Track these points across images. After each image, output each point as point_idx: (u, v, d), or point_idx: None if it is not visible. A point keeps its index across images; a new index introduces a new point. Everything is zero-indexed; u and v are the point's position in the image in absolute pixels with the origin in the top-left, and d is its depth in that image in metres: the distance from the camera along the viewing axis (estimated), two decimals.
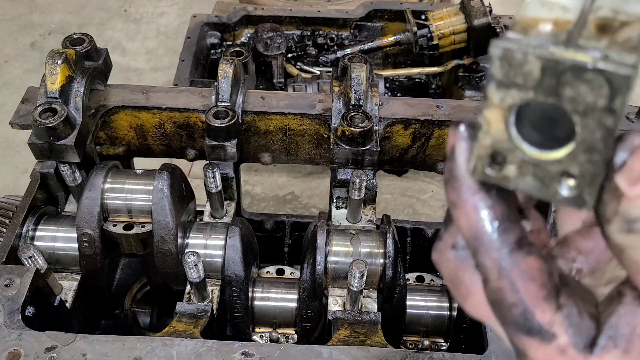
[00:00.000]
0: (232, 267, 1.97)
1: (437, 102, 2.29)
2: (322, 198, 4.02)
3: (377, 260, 1.95)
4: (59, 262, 2.02)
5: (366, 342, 1.68)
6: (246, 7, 4.00)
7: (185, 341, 1.60)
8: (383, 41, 3.86)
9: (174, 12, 5.85)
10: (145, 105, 2.24)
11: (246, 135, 2.30)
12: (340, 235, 2.01)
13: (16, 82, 5.02)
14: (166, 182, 1.93)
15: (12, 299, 1.66)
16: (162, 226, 1.92)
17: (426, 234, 2.70)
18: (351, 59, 2.27)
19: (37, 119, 1.93)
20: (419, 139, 2.28)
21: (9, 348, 1.56)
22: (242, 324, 2.07)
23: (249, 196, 4.05)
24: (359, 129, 2.05)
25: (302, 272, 2.04)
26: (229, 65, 2.17)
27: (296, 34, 4.00)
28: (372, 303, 1.93)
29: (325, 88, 3.53)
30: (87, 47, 2.16)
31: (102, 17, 5.76)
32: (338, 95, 2.22)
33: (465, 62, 3.81)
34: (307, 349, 1.61)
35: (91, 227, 1.94)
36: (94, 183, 1.97)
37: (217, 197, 2.11)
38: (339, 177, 2.17)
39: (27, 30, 5.58)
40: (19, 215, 1.98)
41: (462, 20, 3.66)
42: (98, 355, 1.56)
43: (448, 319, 2.12)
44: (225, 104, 2.15)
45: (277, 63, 3.70)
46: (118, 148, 2.37)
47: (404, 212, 3.97)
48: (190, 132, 2.31)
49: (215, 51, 3.93)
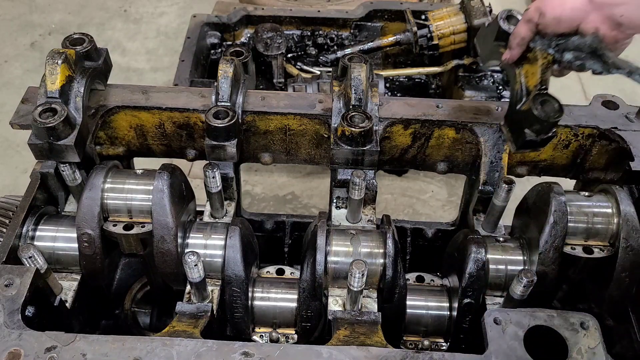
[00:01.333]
0: (232, 267, 1.97)
1: (437, 102, 2.29)
2: (322, 198, 4.02)
3: (377, 260, 1.95)
4: (59, 262, 2.03)
5: (366, 342, 1.68)
6: (246, 7, 4.00)
7: (185, 341, 1.60)
8: (383, 41, 3.86)
9: (174, 12, 5.85)
10: (145, 105, 2.24)
11: (246, 135, 2.30)
12: (340, 235, 2.01)
13: (16, 82, 5.02)
14: (166, 182, 1.93)
15: (12, 299, 1.66)
16: (162, 226, 1.92)
17: (426, 234, 2.70)
18: (351, 59, 2.27)
19: (37, 119, 1.93)
20: (419, 139, 2.28)
21: (9, 348, 1.56)
22: (242, 324, 2.07)
23: (249, 196, 4.05)
24: (359, 129, 2.05)
25: (302, 272, 2.04)
26: (229, 65, 2.17)
27: (296, 34, 4.00)
28: (372, 303, 1.93)
29: (325, 88, 3.53)
30: (87, 47, 2.16)
31: (102, 17, 5.76)
32: (338, 95, 2.22)
33: (465, 62, 3.81)
34: (307, 349, 1.61)
35: (91, 227, 1.93)
36: (94, 183, 1.97)
37: (217, 197, 2.11)
38: (339, 177, 2.17)
39: (27, 30, 5.59)
40: (19, 215, 1.98)
41: (462, 20, 3.66)
42: (98, 355, 1.56)
43: (448, 319, 2.12)
44: (225, 104, 2.15)
45: (277, 63, 3.70)
46: (118, 148, 2.38)
47: (404, 212, 3.97)
48: (190, 132, 2.31)
49: (215, 51, 3.93)
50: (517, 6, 6.29)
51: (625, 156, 2.14)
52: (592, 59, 1.75)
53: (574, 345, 1.60)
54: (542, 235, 1.90)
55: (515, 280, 1.79)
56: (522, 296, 1.80)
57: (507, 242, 2.07)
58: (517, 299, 1.81)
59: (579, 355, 1.59)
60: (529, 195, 2.09)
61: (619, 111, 2.25)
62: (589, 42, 1.73)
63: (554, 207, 1.91)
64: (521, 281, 1.77)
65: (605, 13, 1.69)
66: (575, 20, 1.73)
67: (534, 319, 1.65)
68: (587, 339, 1.61)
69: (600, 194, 2.04)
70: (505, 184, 2.01)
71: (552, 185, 1.98)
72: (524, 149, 1.98)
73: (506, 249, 2.05)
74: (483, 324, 1.65)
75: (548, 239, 1.90)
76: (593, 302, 2.16)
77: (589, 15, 1.71)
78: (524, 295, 1.80)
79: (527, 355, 1.57)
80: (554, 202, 1.91)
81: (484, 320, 1.66)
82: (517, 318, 1.64)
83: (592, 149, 2.26)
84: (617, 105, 2.28)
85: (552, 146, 2.25)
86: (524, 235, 2.06)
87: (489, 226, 2.19)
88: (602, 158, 2.27)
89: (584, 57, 1.77)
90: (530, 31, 1.83)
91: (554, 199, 1.92)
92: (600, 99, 2.30)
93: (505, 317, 1.65)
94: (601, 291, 1.96)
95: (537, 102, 1.86)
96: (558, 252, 1.91)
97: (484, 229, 2.20)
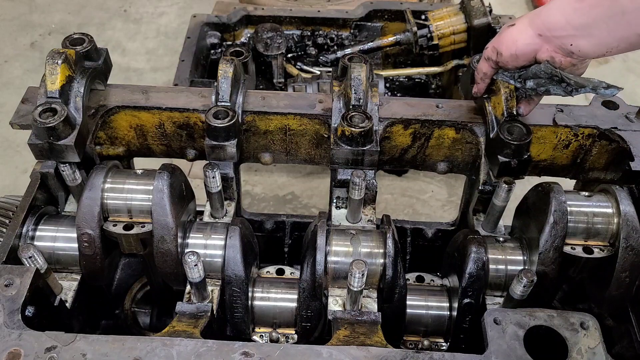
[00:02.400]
0: (232, 267, 1.97)
1: (437, 102, 2.29)
2: (322, 198, 4.02)
3: (377, 260, 1.95)
4: (59, 262, 2.03)
5: (366, 342, 1.68)
6: (246, 7, 4.00)
7: (185, 341, 1.60)
8: (383, 41, 3.86)
9: (174, 12, 5.85)
10: (145, 105, 2.24)
11: (246, 135, 2.30)
12: (340, 235, 2.01)
13: (16, 82, 5.02)
14: (166, 182, 1.93)
15: (12, 299, 1.66)
16: (162, 226, 1.92)
17: (426, 234, 2.70)
18: (351, 59, 2.27)
19: (37, 119, 1.93)
20: (419, 139, 2.28)
21: (9, 348, 1.56)
22: (242, 324, 2.07)
23: (249, 196, 4.05)
24: (359, 129, 2.05)
25: (302, 272, 2.04)
26: (229, 65, 2.17)
27: (296, 34, 4.00)
28: (372, 303, 1.93)
29: (325, 88, 3.53)
30: (87, 47, 2.16)
31: (102, 17, 5.76)
32: (338, 95, 2.22)
33: (465, 62, 3.81)
34: (307, 349, 1.61)
35: (91, 227, 1.93)
36: (94, 183, 1.97)
37: (217, 197, 2.11)
38: (339, 177, 2.17)
39: (27, 30, 5.58)
40: (19, 215, 1.98)
41: (462, 20, 3.66)
42: (98, 355, 1.56)
43: (448, 319, 2.12)
44: (225, 104, 2.15)
45: (277, 63, 3.70)
46: (118, 148, 2.37)
47: (404, 212, 3.97)
48: (190, 132, 2.31)
49: (215, 51, 3.93)
50: (517, 7, 6.27)
51: (625, 156, 2.15)
52: (553, 83, 1.87)
53: (574, 345, 1.60)
54: (542, 235, 1.90)
55: (515, 280, 1.79)
56: (522, 296, 1.80)
57: (507, 242, 2.07)
58: (517, 299, 1.81)
59: (579, 355, 1.59)
60: (529, 195, 2.09)
61: (619, 111, 2.26)
62: (543, 68, 1.84)
63: (554, 207, 1.91)
64: (521, 281, 1.77)
65: (555, 44, 1.78)
66: (531, 53, 1.85)
67: (534, 319, 1.65)
68: (587, 339, 1.61)
69: (600, 194, 2.04)
70: (505, 184, 2.02)
71: (552, 185, 1.98)
72: (503, 175, 2.08)
73: (506, 249, 2.05)
74: (483, 324, 1.65)
75: (548, 239, 1.90)
76: (593, 302, 2.16)
77: (542, 46, 1.81)
78: (524, 295, 1.80)
79: (527, 355, 1.57)
80: (554, 202, 1.91)
81: (484, 320, 1.66)
82: (517, 318, 1.65)
83: (592, 149, 2.26)
84: (617, 105, 2.28)
85: (552, 146, 2.25)
86: (524, 235, 2.06)
87: (489, 226, 2.19)
88: (602, 158, 2.27)
89: (544, 83, 1.90)
90: (490, 67, 2.00)
91: (554, 199, 1.92)
92: (600, 99, 2.30)
93: (505, 317, 1.65)
94: (601, 291, 1.96)
95: (504, 129, 2.02)
96: (558, 252, 1.91)
97: (484, 229, 2.20)
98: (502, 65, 1.94)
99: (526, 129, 2.02)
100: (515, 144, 1.99)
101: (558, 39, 1.76)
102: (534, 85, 1.93)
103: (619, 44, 1.67)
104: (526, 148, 2.01)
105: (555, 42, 1.77)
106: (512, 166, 2.03)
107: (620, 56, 5.22)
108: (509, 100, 2.04)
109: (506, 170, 2.05)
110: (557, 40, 1.77)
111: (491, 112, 2.09)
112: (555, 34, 1.76)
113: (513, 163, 2.02)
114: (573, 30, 1.71)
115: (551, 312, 1.66)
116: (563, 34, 1.74)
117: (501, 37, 1.91)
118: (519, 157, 2.02)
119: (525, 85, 1.96)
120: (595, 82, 1.80)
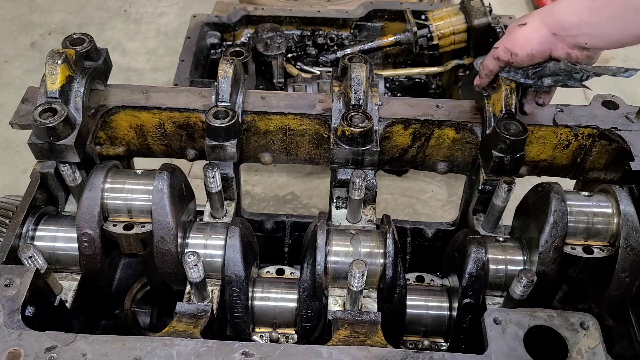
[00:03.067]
0: (232, 267, 1.97)
1: (437, 102, 2.29)
2: (322, 198, 4.02)
3: (377, 260, 1.95)
4: (59, 262, 2.03)
5: (366, 342, 1.68)
6: (246, 7, 4.00)
7: (185, 341, 1.60)
8: (383, 41, 3.86)
9: (174, 12, 5.85)
10: (145, 105, 2.24)
11: (246, 135, 2.30)
12: (340, 235, 2.01)
13: (16, 82, 5.02)
14: (166, 182, 1.93)
15: (12, 299, 1.66)
16: (162, 226, 1.92)
17: (426, 234, 2.70)
18: (351, 59, 2.27)
19: (37, 119, 1.93)
20: (419, 139, 2.28)
21: (9, 348, 1.56)
22: (242, 324, 2.07)
23: (249, 196, 4.05)
24: (359, 129, 2.05)
25: (302, 272, 2.04)
26: (229, 65, 2.17)
27: (296, 34, 4.00)
28: (372, 303, 1.93)
29: (325, 88, 3.52)
30: (87, 47, 2.16)
31: (102, 17, 5.76)
32: (338, 95, 2.22)
33: (465, 62, 3.81)
34: (307, 349, 1.61)
35: (91, 227, 1.93)
36: (94, 183, 1.97)
37: (217, 197, 2.11)
38: (339, 177, 2.17)
39: (27, 30, 5.58)
40: (19, 215, 1.98)
41: (462, 20, 3.66)
42: (98, 355, 1.56)
43: (448, 319, 2.12)
44: (225, 104, 2.15)
45: (277, 63, 3.70)
46: (118, 148, 2.37)
47: (404, 212, 3.97)
48: (190, 132, 2.31)
49: (215, 51, 3.93)
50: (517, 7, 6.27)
51: (625, 156, 2.14)
52: (570, 78, 1.90)
53: (574, 345, 1.60)
54: (542, 235, 1.90)
55: (515, 280, 1.79)
56: (522, 296, 1.80)
57: (507, 242, 2.07)
58: (517, 299, 1.81)
59: (579, 355, 1.59)
60: (529, 195, 2.09)
61: (619, 111, 2.26)
62: (563, 66, 1.87)
63: (554, 207, 1.91)
64: (521, 281, 1.77)
65: (570, 42, 1.81)
66: (546, 52, 1.88)
67: (534, 319, 1.65)
68: (587, 339, 1.61)
69: (600, 194, 2.04)
70: (505, 184, 2.02)
71: (552, 185, 1.98)
72: (495, 172, 2.10)
73: (506, 249, 2.05)
74: (483, 324, 1.65)
75: (548, 239, 1.90)
76: (593, 302, 2.16)
77: (557, 44, 1.84)
78: (524, 295, 1.80)
79: (527, 355, 1.57)
80: (554, 202, 1.91)
81: (484, 320, 1.66)
82: (517, 318, 1.65)
83: (592, 149, 2.26)
84: (617, 105, 2.28)
85: (552, 146, 2.25)
86: (524, 235, 2.06)
87: (489, 226, 2.19)
88: (602, 158, 2.27)
89: (562, 79, 1.92)
90: (497, 66, 2.01)
91: (554, 199, 1.92)
92: (600, 99, 2.30)
93: (505, 317, 1.65)
94: (601, 291, 1.96)
95: (501, 125, 2.04)
96: (558, 252, 1.91)
97: (484, 229, 2.20)
98: (517, 64, 1.95)
99: (522, 127, 2.03)
100: (511, 139, 2.00)
101: (573, 37, 1.79)
102: (552, 82, 1.94)
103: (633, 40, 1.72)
104: (521, 145, 2.02)
105: (569, 40, 1.80)
106: (505, 162, 2.05)
107: (621, 56, 5.23)
108: (509, 98, 2.05)
109: (499, 166, 2.06)
110: (572, 39, 1.80)
111: (489, 109, 2.11)
112: (570, 33, 1.79)
113: (506, 159, 2.04)
114: (587, 29, 1.75)
115: (551, 312, 1.66)
116: (578, 32, 1.77)
117: (513, 37, 1.91)
118: (513, 153, 2.03)
119: (543, 83, 1.96)
120: (614, 69, 1.84)
